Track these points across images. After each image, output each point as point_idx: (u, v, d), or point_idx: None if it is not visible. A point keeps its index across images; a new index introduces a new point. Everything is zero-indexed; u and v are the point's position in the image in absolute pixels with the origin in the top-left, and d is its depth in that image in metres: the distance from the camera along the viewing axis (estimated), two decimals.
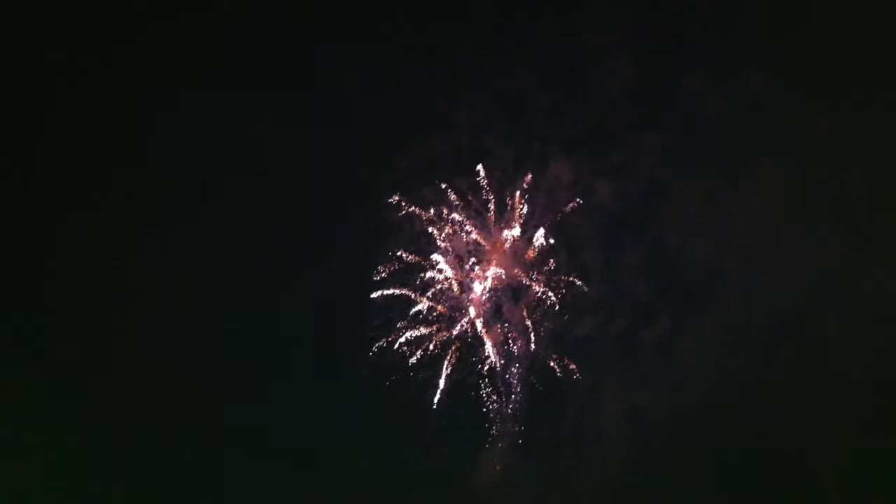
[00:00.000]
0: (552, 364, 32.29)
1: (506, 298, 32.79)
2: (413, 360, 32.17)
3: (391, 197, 32.26)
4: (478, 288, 32.75)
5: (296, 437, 32.90)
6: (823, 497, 31.51)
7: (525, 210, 32.62)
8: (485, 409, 32.39)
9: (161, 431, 32.70)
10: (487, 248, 32.92)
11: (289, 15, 33.25)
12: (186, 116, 32.49)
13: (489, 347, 32.45)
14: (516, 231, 32.66)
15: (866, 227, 31.96)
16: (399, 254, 32.38)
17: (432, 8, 32.84)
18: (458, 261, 32.75)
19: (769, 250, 32.04)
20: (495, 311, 32.82)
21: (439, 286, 32.65)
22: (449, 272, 32.65)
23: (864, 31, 31.87)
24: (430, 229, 32.58)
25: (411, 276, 32.49)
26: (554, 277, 32.47)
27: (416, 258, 32.54)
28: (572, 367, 32.19)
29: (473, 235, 32.74)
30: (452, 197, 32.52)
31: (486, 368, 32.45)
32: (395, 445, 32.71)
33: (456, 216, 32.54)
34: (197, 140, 32.96)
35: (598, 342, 32.46)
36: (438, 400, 32.08)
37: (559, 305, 32.36)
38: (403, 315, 32.35)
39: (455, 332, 32.58)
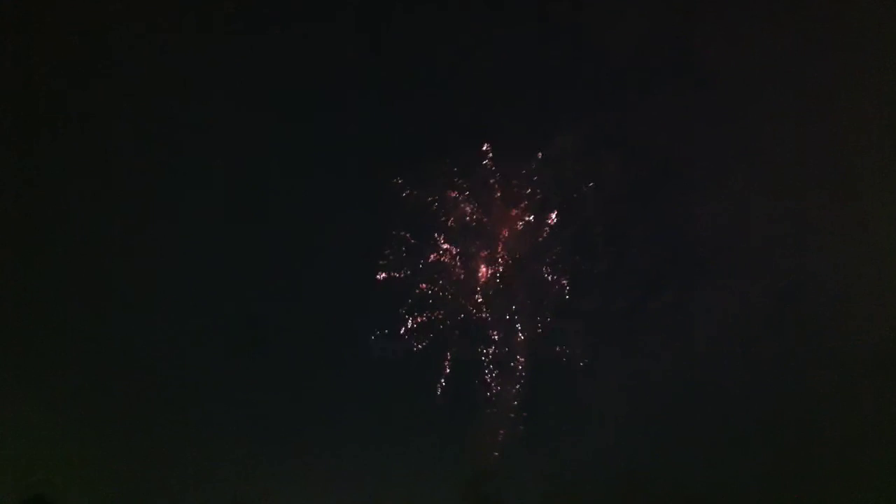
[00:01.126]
0: (557, 349, 32.17)
1: (512, 281, 32.81)
2: (416, 345, 32.06)
3: (394, 178, 32.20)
4: (483, 270, 32.83)
5: (295, 428, 32.73)
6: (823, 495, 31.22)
7: (534, 191, 32.66)
8: (489, 394, 32.31)
9: (161, 431, 32.38)
10: (493, 229, 32.95)
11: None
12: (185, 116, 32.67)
13: (493, 332, 32.46)
14: (523, 212, 32.71)
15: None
16: (403, 235, 32.27)
17: None
18: (462, 243, 32.74)
19: (775, 241, 32.07)
20: (500, 294, 32.84)
21: (443, 269, 32.66)
22: (454, 254, 32.66)
23: None
24: (434, 209, 32.50)
25: (415, 258, 32.41)
26: (561, 259, 32.56)
27: (420, 240, 32.48)
28: (578, 351, 32.09)
29: (479, 216, 32.80)
30: (458, 178, 32.56)
31: (490, 353, 32.36)
32: (398, 432, 32.53)
33: (461, 197, 32.55)
34: (196, 140, 33.06)
35: (604, 326, 32.39)
36: (442, 385, 31.95)
37: (566, 289, 32.41)
38: (407, 298, 32.23)
39: (460, 316, 32.56)
